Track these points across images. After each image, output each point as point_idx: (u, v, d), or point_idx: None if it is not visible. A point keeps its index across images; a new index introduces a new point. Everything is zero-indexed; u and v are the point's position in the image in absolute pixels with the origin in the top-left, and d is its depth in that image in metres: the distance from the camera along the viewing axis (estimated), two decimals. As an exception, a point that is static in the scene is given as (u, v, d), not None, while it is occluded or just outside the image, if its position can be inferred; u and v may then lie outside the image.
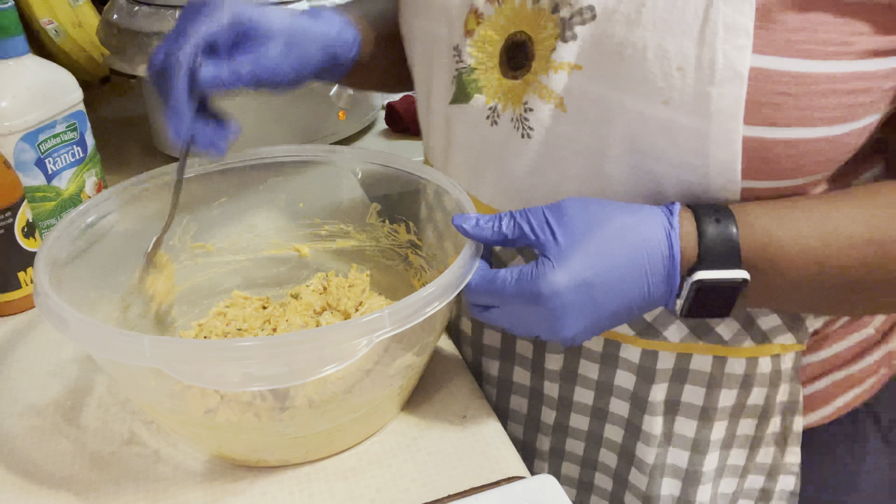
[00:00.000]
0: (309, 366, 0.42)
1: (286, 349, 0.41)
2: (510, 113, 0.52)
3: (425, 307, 0.44)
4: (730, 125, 0.43)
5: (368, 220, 0.66)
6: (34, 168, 0.70)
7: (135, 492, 0.49)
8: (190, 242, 0.62)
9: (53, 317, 0.44)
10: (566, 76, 0.48)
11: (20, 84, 0.68)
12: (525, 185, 0.52)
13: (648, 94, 0.44)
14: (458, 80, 0.54)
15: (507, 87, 0.52)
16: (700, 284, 0.44)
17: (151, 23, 0.81)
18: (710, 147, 0.44)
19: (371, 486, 0.50)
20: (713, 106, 0.42)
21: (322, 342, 0.42)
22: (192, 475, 0.51)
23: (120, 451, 0.53)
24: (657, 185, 0.47)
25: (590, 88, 0.47)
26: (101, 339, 0.42)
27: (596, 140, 0.48)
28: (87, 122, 0.76)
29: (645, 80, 0.44)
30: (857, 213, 0.45)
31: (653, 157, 0.46)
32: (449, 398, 0.57)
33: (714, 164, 0.44)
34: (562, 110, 0.48)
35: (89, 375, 0.60)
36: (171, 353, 0.41)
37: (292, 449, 0.51)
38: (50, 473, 0.51)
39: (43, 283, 0.46)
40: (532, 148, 0.51)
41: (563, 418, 0.61)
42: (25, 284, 0.67)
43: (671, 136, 0.44)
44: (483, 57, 0.53)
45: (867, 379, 0.60)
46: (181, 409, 0.49)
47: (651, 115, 0.44)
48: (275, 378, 0.43)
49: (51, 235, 0.51)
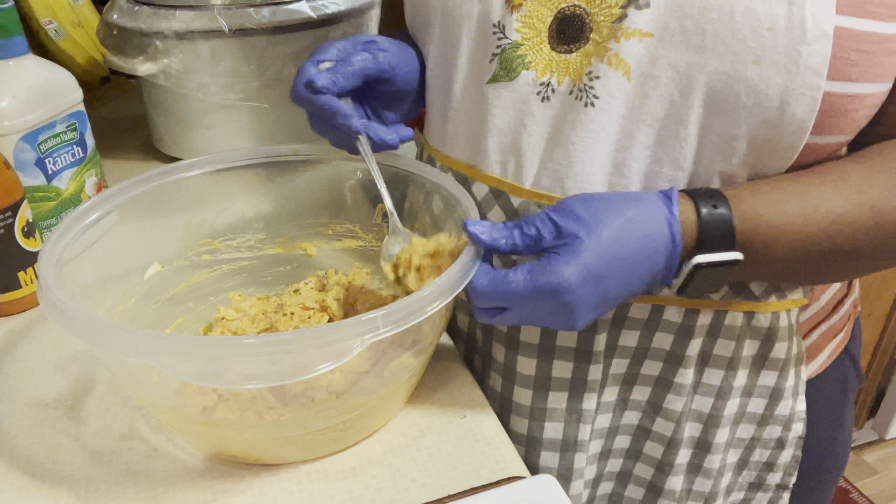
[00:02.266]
0: (302, 365, 0.42)
1: (279, 348, 0.41)
2: (568, 86, 0.52)
3: (422, 309, 0.44)
4: (815, 81, 0.46)
5: (374, 220, 0.66)
6: (34, 168, 0.70)
7: (135, 491, 0.49)
8: (197, 239, 0.63)
9: (56, 312, 0.44)
10: (637, 43, 0.49)
11: (20, 84, 0.68)
12: (582, 159, 0.52)
13: (736, 54, 0.46)
14: (500, 58, 0.54)
15: (559, 60, 0.52)
16: (697, 266, 0.47)
17: (151, 23, 0.81)
18: (791, 103, 0.47)
19: (371, 486, 0.50)
20: (802, 63, 0.46)
21: (316, 342, 0.42)
22: (191, 474, 0.51)
23: (120, 450, 0.53)
24: (728, 145, 0.50)
25: (664, 54, 0.48)
26: (97, 333, 0.42)
27: (667, 106, 0.50)
28: (87, 122, 0.76)
29: (734, 41, 0.46)
30: (829, 190, 0.49)
31: (731, 118, 0.48)
32: (449, 398, 0.57)
33: (790, 120, 0.47)
34: (627, 79, 0.50)
35: (90, 375, 0.60)
36: (164, 348, 0.41)
37: (290, 448, 0.51)
38: (51, 472, 0.51)
39: (46, 279, 0.46)
40: (594, 118, 0.51)
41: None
42: (25, 284, 0.67)
43: (757, 96, 0.47)
44: (530, 32, 0.53)
45: (843, 327, 0.67)
46: (180, 406, 0.49)
47: (739, 75, 0.47)
48: (266, 377, 0.43)
49: (54, 233, 0.51)
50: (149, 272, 0.59)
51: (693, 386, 0.59)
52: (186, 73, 0.84)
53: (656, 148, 0.51)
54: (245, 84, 0.86)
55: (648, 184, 0.52)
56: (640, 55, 0.49)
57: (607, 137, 0.51)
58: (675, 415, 0.60)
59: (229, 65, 0.84)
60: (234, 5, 0.82)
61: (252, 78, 0.85)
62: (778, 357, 0.58)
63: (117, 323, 0.55)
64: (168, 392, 0.48)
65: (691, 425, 0.61)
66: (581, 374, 0.59)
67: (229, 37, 0.82)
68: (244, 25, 0.81)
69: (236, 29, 0.81)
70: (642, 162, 0.51)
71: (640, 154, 0.51)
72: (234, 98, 0.86)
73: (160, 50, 0.83)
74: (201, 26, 0.81)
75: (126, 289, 0.58)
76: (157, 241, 0.61)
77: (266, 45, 0.84)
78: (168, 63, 0.83)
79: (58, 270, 0.49)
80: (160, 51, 0.83)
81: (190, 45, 0.82)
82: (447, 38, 0.58)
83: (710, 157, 0.50)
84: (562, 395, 0.60)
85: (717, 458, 0.62)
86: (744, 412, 0.61)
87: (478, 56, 0.56)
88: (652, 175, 0.52)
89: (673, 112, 0.49)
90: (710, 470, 0.62)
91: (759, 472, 0.65)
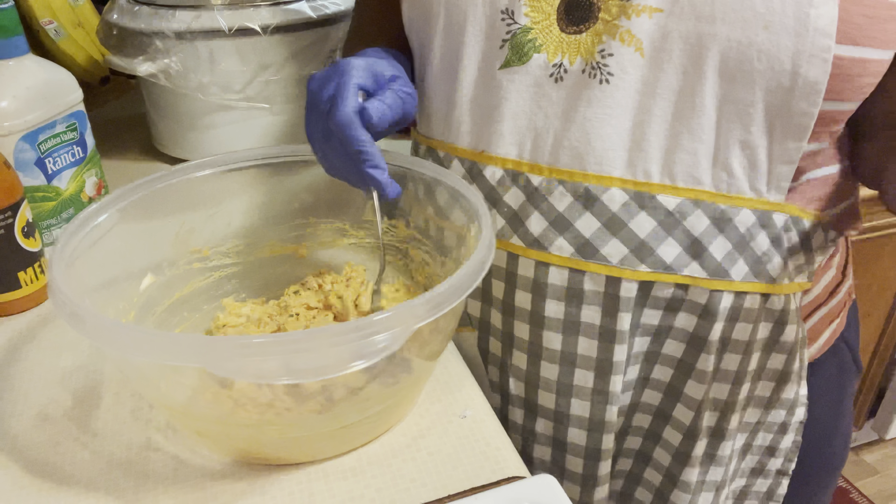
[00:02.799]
0: (343, 359, 0.43)
1: (325, 341, 0.41)
2: (580, 65, 0.53)
3: (462, 289, 0.45)
4: (825, 43, 0.47)
5: (365, 217, 0.66)
6: (34, 168, 0.70)
7: (134, 490, 0.49)
8: (187, 248, 0.62)
9: (88, 327, 0.43)
10: (647, 19, 0.50)
11: (20, 84, 0.68)
12: (599, 135, 0.53)
13: (747, 21, 0.48)
14: (511, 43, 0.55)
15: (569, 41, 0.53)
16: None
17: (151, 23, 0.82)
18: (803, 66, 0.48)
19: (371, 486, 0.50)
20: (812, 25, 0.47)
21: (372, 329, 0.42)
22: (190, 474, 0.51)
23: (120, 447, 0.53)
24: (745, 112, 0.51)
25: (675, 28, 0.50)
26: (141, 343, 0.42)
27: (681, 78, 0.51)
28: (87, 122, 0.76)
29: (743, 9, 0.48)
30: None
31: (745, 85, 0.50)
32: (449, 398, 0.57)
33: (803, 83, 0.49)
34: (640, 55, 0.51)
35: (91, 375, 0.60)
36: (213, 351, 0.41)
37: (302, 448, 0.51)
38: (50, 470, 0.51)
39: (65, 292, 0.45)
40: (609, 94, 0.52)
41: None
42: (25, 284, 0.67)
43: (769, 60, 0.48)
44: (539, 16, 0.54)
45: (840, 312, 0.68)
46: (197, 412, 0.49)
47: (751, 41, 0.48)
48: (309, 372, 0.43)
49: (61, 239, 0.50)
50: (144, 283, 0.58)
51: (713, 373, 0.59)
52: (186, 73, 0.84)
53: (674, 121, 0.52)
54: (245, 84, 0.86)
55: (668, 156, 0.53)
56: (652, 30, 0.50)
57: (624, 113, 0.52)
58: (696, 403, 0.60)
59: (229, 65, 0.84)
60: (234, 5, 0.82)
61: (252, 78, 0.85)
62: (787, 340, 0.59)
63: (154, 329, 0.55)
64: (182, 397, 0.48)
65: (709, 414, 0.61)
66: (606, 355, 0.59)
67: (229, 37, 0.82)
68: (244, 25, 0.81)
69: (236, 29, 0.81)
70: (661, 135, 0.52)
71: (658, 127, 0.52)
72: (234, 98, 0.86)
73: (160, 50, 0.83)
74: (201, 26, 0.81)
75: (126, 301, 0.57)
76: (149, 250, 0.61)
77: (266, 45, 0.84)
78: (168, 63, 0.83)
79: (72, 286, 0.48)
80: (160, 51, 0.83)
81: (190, 45, 0.82)
82: (451, 27, 0.58)
83: (728, 126, 0.51)
84: (588, 374, 0.60)
85: (729, 444, 0.63)
86: (752, 396, 0.62)
87: (487, 43, 0.56)
88: (671, 148, 0.53)
89: (688, 84, 0.51)
90: (723, 458, 0.63)
91: (761, 457, 0.66)
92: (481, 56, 0.57)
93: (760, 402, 0.63)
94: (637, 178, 0.54)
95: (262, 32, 0.82)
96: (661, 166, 0.54)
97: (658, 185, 0.54)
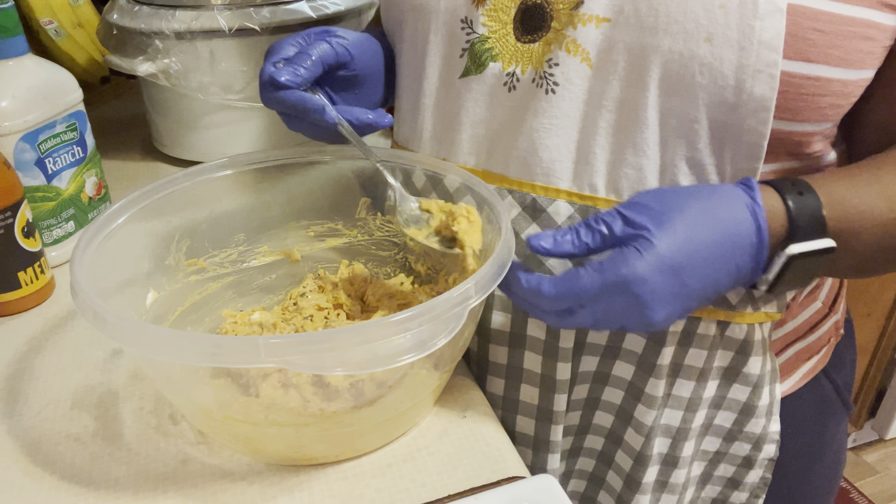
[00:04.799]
0: (422, 340, 0.43)
1: (412, 322, 0.42)
2: (531, 74, 0.52)
3: (503, 267, 0.46)
4: (771, 57, 0.45)
5: (358, 215, 0.66)
6: (34, 168, 0.70)
7: (134, 488, 0.49)
8: (183, 260, 0.61)
9: (144, 342, 0.43)
10: (594, 29, 0.49)
11: (20, 84, 0.68)
12: (545, 146, 0.52)
13: (689, 33, 0.46)
14: (470, 52, 0.55)
15: (523, 50, 0.53)
16: (791, 258, 0.46)
17: (151, 23, 0.82)
18: (747, 81, 0.46)
19: (371, 486, 0.50)
20: (756, 38, 0.45)
21: (430, 315, 0.42)
22: (189, 473, 0.51)
23: (120, 446, 0.53)
24: (689, 128, 0.49)
25: (620, 38, 0.48)
26: (208, 348, 0.41)
27: (625, 90, 0.49)
28: (87, 122, 0.76)
29: (686, 20, 0.46)
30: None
31: (689, 99, 0.48)
32: (449, 398, 0.57)
33: (748, 99, 0.46)
34: (588, 65, 0.50)
35: (91, 375, 0.60)
36: (286, 349, 0.41)
37: (333, 446, 0.51)
38: (50, 469, 0.51)
39: (97, 305, 0.44)
40: (555, 104, 0.51)
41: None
42: (25, 284, 0.67)
43: (712, 74, 0.47)
44: (496, 25, 0.54)
45: (822, 348, 0.65)
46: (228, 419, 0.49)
47: (692, 54, 0.47)
48: (376, 361, 0.43)
49: (79, 244, 0.50)
50: (149, 300, 0.58)
51: (664, 398, 0.58)
52: (186, 73, 0.84)
53: (618, 134, 0.51)
54: (245, 84, 0.86)
55: (613, 170, 0.52)
56: (598, 40, 0.49)
57: (570, 124, 0.51)
58: (646, 429, 0.58)
59: (229, 65, 0.84)
60: (234, 5, 0.82)
61: (252, 78, 0.86)
62: (751, 372, 0.57)
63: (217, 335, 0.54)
64: (212, 404, 0.48)
65: (660, 440, 0.59)
66: (550, 372, 0.58)
67: (229, 37, 0.82)
68: (244, 25, 0.81)
69: (236, 29, 0.81)
70: (606, 149, 0.51)
71: (604, 140, 0.51)
72: (234, 98, 0.86)
73: (160, 50, 0.83)
74: (201, 26, 0.81)
75: (146, 296, 0.57)
76: (149, 266, 0.60)
77: (266, 45, 0.84)
78: (168, 63, 0.83)
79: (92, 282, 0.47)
80: (160, 51, 0.83)
81: (190, 45, 0.82)
82: (416, 34, 0.58)
83: (673, 141, 0.50)
84: (534, 391, 0.60)
85: (683, 472, 0.61)
86: (710, 424, 0.60)
87: (448, 51, 0.56)
88: (616, 162, 0.51)
89: (631, 96, 0.49)
90: (676, 485, 0.61)
91: (724, 489, 0.63)
92: (443, 64, 0.57)
93: (719, 431, 0.60)
94: (583, 192, 0.53)
95: (262, 32, 0.82)
96: (607, 181, 0.52)
97: (603, 200, 0.52)
